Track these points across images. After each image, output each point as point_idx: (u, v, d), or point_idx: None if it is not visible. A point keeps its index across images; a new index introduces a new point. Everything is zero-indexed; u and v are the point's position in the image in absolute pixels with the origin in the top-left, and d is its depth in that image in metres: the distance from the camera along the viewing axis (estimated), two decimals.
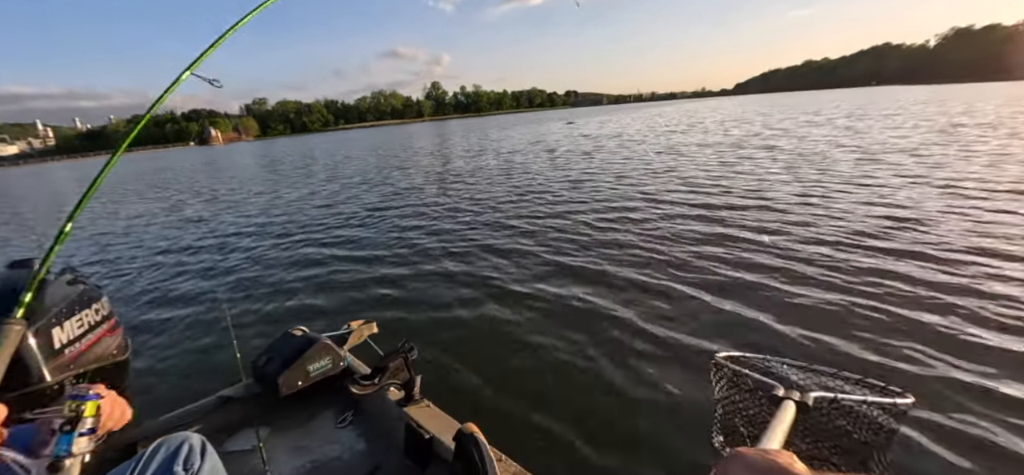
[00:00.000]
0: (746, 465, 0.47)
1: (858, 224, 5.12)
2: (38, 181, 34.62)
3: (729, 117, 29.92)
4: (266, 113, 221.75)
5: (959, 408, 2.25)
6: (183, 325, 4.01)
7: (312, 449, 1.72)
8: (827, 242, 4.59)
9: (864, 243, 4.50)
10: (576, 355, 2.93)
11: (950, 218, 5.11)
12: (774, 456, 0.47)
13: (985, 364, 2.53)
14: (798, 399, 0.95)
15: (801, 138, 14.57)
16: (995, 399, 2.29)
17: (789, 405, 0.92)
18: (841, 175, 8.06)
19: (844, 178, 7.77)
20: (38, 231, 10.69)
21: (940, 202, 5.81)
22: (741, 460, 0.48)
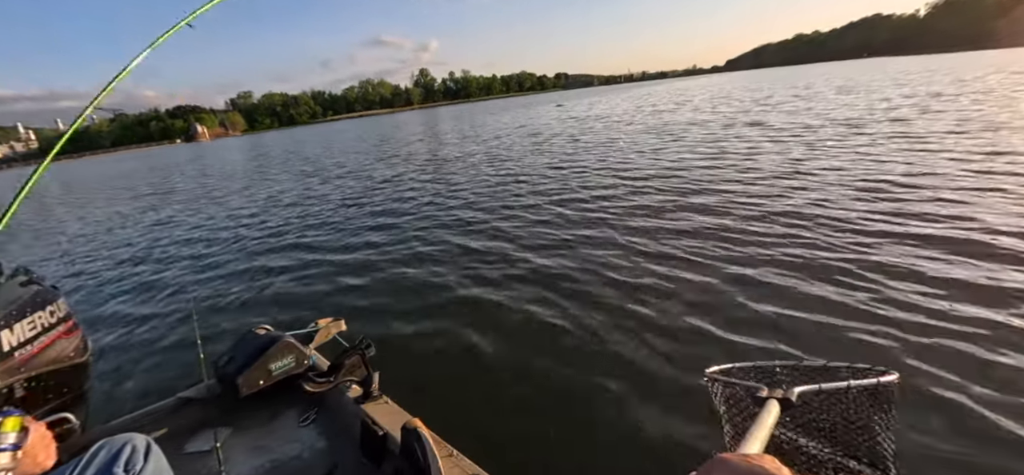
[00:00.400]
0: (730, 471, 0.46)
1: (849, 205, 5.13)
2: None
3: (718, 94, 29.82)
4: (252, 107, 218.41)
5: (951, 384, 2.23)
6: (149, 326, 3.97)
7: (272, 449, 1.69)
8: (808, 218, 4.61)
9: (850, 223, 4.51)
10: (539, 349, 2.91)
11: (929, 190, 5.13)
12: (758, 461, 0.46)
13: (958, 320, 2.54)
14: (781, 396, 0.96)
15: (789, 113, 14.55)
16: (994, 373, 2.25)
17: (772, 404, 0.93)
18: (821, 151, 8.06)
19: (820, 154, 7.77)
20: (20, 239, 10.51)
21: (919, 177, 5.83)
22: (724, 466, 0.47)
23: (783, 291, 3.19)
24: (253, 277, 5.00)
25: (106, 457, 1.13)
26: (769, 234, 4.27)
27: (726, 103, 21.66)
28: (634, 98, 37.61)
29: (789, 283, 3.27)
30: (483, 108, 67.08)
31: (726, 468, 0.47)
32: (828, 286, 3.17)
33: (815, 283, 3.23)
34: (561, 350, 2.87)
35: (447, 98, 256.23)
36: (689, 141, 10.77)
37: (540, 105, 49.03)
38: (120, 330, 3.96)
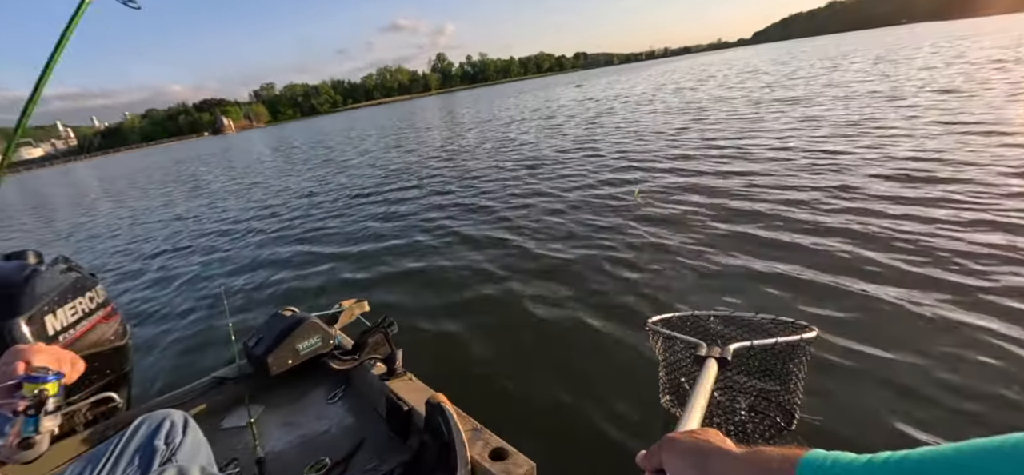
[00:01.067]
0: (679, 451, 0.48)
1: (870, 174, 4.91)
2: (65, 179, 35.72)
3: (745, 68, 28.75)
4: (275, 98, 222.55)
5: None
6: (180, 311, 4.13)
7: (302, 424, 1.75)
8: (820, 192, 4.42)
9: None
10: (556, 325, 2.93)
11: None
12: (703, 436, 0.49)
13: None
14: (718, 355, 1.02)
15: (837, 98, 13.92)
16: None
17: (711, 363, 0.98)
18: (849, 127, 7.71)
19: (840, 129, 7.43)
20: (64, 227, 11.06)
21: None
22: (674, 445, 0.49)
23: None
24: (277, 262, 5.14)
25: (147, 431, 1.18)
26: (808, 220, 4.11)
27: (752, 78, 20.88)
28: (654, 76, 36.64)
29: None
30: (500, 91, 66.51)
31: (675, 446, 0.49)
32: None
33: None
34: (577, 326, 2.87)
35: (465, 82, 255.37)
36: (710, 121, 10.44)
37: (558, 86, 48.27)
38: (154, 315, 4.15)
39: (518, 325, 2.98)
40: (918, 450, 0.36)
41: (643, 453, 0.53)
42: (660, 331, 1.44)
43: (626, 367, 2.40)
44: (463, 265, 4.13)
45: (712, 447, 0.47)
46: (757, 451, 0.44)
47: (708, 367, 0.98)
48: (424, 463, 1.21)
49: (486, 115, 22.67)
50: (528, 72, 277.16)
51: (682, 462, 0.48)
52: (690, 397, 0.80)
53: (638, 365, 2.35)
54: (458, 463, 1.16)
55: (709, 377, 0.94)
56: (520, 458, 1.19)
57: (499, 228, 5.02)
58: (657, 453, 0.51)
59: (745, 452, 0.44)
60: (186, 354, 3.28)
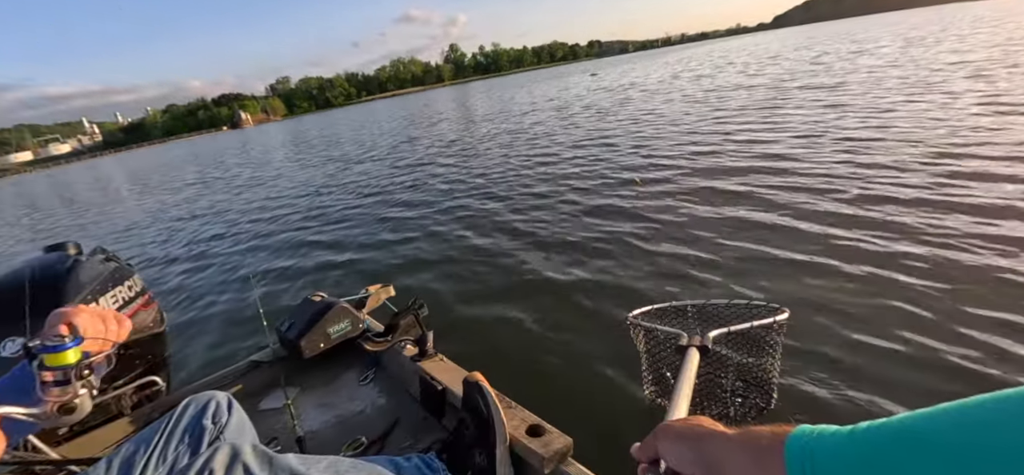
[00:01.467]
0: (675, 435, 0.51)
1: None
2: (92, 173, 36.83)
3: (764, 55, 28.01)
4: (290, 92, 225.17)
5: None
6: (211, 298, 4.27)
7: (337, 405, 1.79)
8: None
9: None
10: (583, 305, 2.97)
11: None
12: (696, 422, 0.51)
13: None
14: (698, 344, 1.06)
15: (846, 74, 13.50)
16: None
17: (693, 352, 1.01)
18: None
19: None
20: (89, 217, 11.43)
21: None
22: (668, 433, 0.52)
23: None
24: (301, 250, 5.25)
25: (195, 411, 1.22)
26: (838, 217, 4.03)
27: (773, 64, 20.34)
28: (670, 64, 35.97)
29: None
30: (513, 82, 66.11)
31: (670, 433, 0.51)
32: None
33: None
34: (603, 306, 2.90)
35: (478, 73, 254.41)
36: (731, 109, 10.22)
37: (571, 76, 47.78)
38: (187, 303, 4.29)
39: (544, 308, 3.02)
40: (897, 415, 0.37)
41: (637, 446, 0.55)
42: (641, 324, 1.49)
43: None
44: (485, 250, 4.17)
45: (705, 430, 0.49)
46: (748, 430, 0.46)
47: (690, 356, 1.00)
48: (462, 440, 1.23)
49: (499, 107, 22.57)
50: (541, 61, 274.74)
51: (678, 447, 0.50)
52: (675, 387, 0.81)
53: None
54: (497, 439, 1.17)
55: (692, 366, 0.96)
56: (557, 433, 1.20)
57: (517, 215, 5.03)
58: (652, 443, 0.53)
59: (737, 432, 0.46)
60: (218, 339, 3.39)
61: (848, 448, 0.37)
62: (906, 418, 0.36)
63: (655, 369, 1.69)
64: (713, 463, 0.46)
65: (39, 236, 10.57)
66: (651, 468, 0.53)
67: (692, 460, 0.48)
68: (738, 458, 0.44)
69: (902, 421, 0.36)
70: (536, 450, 1.16)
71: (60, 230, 11.01)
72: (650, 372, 1.65)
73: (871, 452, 0.36)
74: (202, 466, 0.91)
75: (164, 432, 1.16)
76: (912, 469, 0.33)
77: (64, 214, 13.69)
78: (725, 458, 0.45)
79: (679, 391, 0.79)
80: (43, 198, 21.85)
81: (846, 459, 0.37)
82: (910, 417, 0.36)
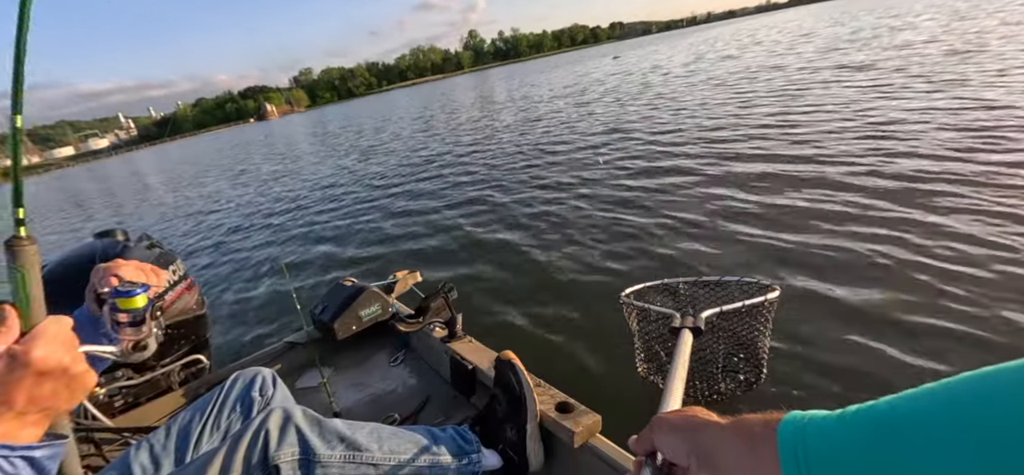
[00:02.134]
0: (669, 428, 0.51)
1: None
2: (129, 167, 38.44)
3: (798, 33, 26.82)
4: (313, 83, 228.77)
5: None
6: (246, 282, 4.44)
7: (370, 385, 1.86)
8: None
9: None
10: (605, 290, 2.97)
11: None
12: (691, 414, 0.51)
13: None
14: (692, 325, 1.07)
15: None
16: None
17: (686, 334, 1.01)
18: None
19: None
20: (128, 209, 11.97)
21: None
22: (665, 423, 0.52)
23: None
24: (330, 236, 5.40)
25: (243, 384, 1.30)
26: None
27: (806, 42, 19.51)
28: (694, 45, 34.92)
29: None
30: (533, 67, 65.45)
31: (664, 425, 0.52)
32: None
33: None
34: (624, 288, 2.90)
35: (497, 59, 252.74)
36: (760, 94, 9.88)
37: (592, 60, 46.96)
38: (224, 287, 4.47)
39: (570, 291, 3.06)
40: (886, 398, 0.37)
41: (634, 438, 0.55)
42: (634, 304, 1.48)
43: None
44: (510, 237, 4.20)
45: (699, 421, 0.49)
46: (740, 419, 0.46)
47: (683, 339, 1.00)
48: (495, 416, 1.26)
49: (516, 95, 22.39)
50: (562, 46, 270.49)
51: (673, 439, 0.50)
52: (670, 372, 0.81)
53: None
54: (528, 415, 1.20)
55: (685, 349, 0.95)
56: (585, 410, 1.23)
57: (542, 203, 5.02)
58: (648, 436, 0.53)
59: (729, 421, 0.47)
60: (253, 321, 3.54)
61: (839, 431, 0.38)
62: (896, 399, 0.37)
63: (647, 347, 1.69)
64: (707, 454, 0.47)
65: (88, 223, 11.18)
66: (648, 460, 0.53)
67: (686, 451, 0.48)
68: (731, 447, 0.45)
69: (892, 402, 0.37)
70: (566, 425, 1.19)
71: (104, 219, 11.59)
72: (643, 350, 1.66)
73: (862, 434, 0.36)
74: (258, 427, 1.00)
75: (216, 403, 1.24)
76: (903, 449, 0.34)
77: (104, 205, 14.37)
78: (719, 448, 0.46)
79: (674, 375, 0.78)
80: (85, 192, 22.97)
81: (838, 442, 0.37)
82: (900, 398, 0.37)
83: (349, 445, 1.05)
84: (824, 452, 0.38)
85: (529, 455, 1.21)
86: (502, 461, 1.22)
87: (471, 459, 1.16)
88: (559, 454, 1.27)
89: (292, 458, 0.99)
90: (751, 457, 0.43)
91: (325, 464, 1.01)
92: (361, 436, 1.08)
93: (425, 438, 1.15)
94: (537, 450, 1.23)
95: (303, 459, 1.00)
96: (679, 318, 1.15)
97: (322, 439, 1.03)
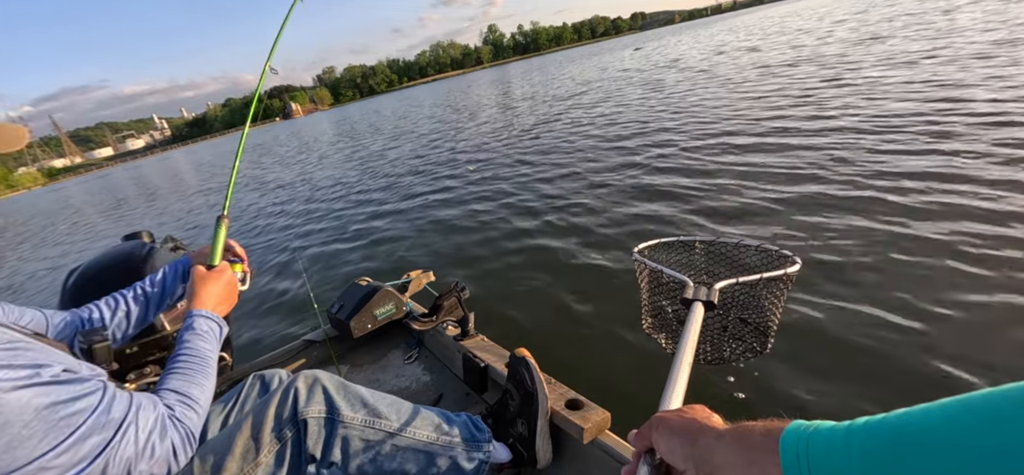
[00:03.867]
0: (669, 429, 0.50)
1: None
2: (164, 166, 40.00)
3: (832, 18, 25.72)
4: (336, 81, 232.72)
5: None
6: (267, 280, 4.54)
7: (385, 382, 1.89)
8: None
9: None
10: (615, 289, 2.96)
11: None
12: (690, 414, 0.50)
13: None
14: (705, 298, 1.01)
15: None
16: None
17: (697, 307, 0.97)
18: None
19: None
20: (168, 210, 12.46)
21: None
22: (664, 425, 0.51)
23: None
24: (345, 236, 5.48)
25: (260, 386, 1.34)
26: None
27: (840, 25, 18.72)
28: (715, 34, 33.98)
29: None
30: (552, 60, 64.89)
31: (665, 425, 0.50)
32: None
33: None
34: (632, 294, 2.86)
35: (517, 53, 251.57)
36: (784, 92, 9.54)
37: (611, 52, 46.17)
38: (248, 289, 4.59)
39: (579, 289, 3.04)
40: (896, 411, 0.35)
41: (635, 432, 0.55)
42: (647, 263, 1.38)
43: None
44: (522, 235, 4.19)
45: (699, 425, 0.48)
46: (741, 427, 0.45)
47: (694, 313, 0.95)
48: (506, 411, 1.28)
49: (532, 91, 22.25)
50: (582, 38, 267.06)
51: (672, 442, 0.49)
52: (678, 351, 0.76)
53: None
54: (539, 411, 1.23)
55: (696, 324, 0.90)
56: (595, 407, 1.25)
57: (553, 202, 5.00)
58: (647, 433, 0.52)
59: (730, 429, 0.46)
60: (273, 320, 3.64)
61: (847, 445, 0.36)
62: (908, 413, 0.35)
63: (655, 304, 1.63)
64: (704, 459, 0.45)
65: (122, 221, 11.71)
66: (647, 457, 0.52)
67: (683, 456, 0.47)
68: (729, 456, 0.43)
69: (903, 416, 0.35)
70: (576, 422, 1.21)
71: (134, 219, 12.12)
72: (649, 306, 1.59)
73: (871, 450, 0.35)
74: (289, 386, 1.11)
75: (236, 402, 1.31)
76: (915, 467, 0.32)
77: (143, 204, 15.01)
78: (716, 457, 0.44)
79: (681, 358, 0.74)
80: (124, 189, 24.02)
81: (845, 457, 0.36)
82: (912, 412, 0.35)
83: (370, 411, 1.14)
84: (830, 466, 0.36)
85: (538, 451, 1.24)
86: (511, 455, 1.26)
87: (482, 447, 1.20)
88: (569, 450, 1.30)
89: (318, 415, 1.08)
90: (750, 467, 0.42)
91: (347, 424, 1.10)
92: (382, 405, 1.17)
93: (439, 418, 1.21)
94: (546, 446, 1.25)
95: (329, 417, 1.09)
96: (692, 288, 1.09)
97: (346, 401, 1.12)
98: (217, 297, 1.12)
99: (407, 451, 1.14)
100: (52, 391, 0.70)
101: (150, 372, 1.73)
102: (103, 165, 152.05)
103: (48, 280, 7.37)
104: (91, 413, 0.73)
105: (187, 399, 0.90)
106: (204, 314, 1.06)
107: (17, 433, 0.65)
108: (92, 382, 0.77)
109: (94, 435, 0.73)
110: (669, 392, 0.67)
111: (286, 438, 1.06)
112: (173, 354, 0.98)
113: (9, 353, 0.70)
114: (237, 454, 1.01)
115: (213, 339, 1.05)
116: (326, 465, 1.10)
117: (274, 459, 1.04)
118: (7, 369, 0.68)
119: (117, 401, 0.78)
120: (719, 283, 1.16)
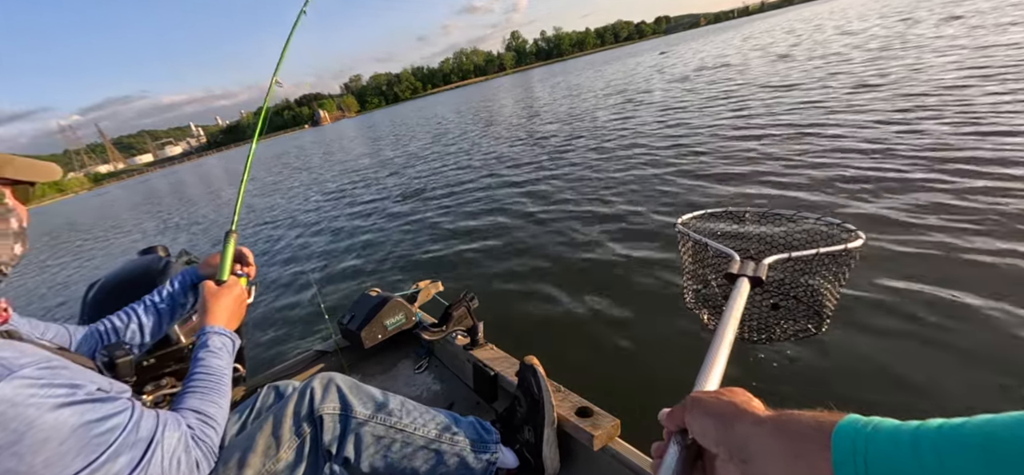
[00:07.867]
0: (704, 410, 0.46)
1: None
2: (199, 172, 41.65)
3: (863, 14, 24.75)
4: (362, 89, 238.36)
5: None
6: (276, 294, 4.60)
7: (396, 391, 1.86)
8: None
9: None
10: (626, 297, 2.92)
11: None
12: (729, 396, 0.46)
13: None
14: (751, 274, 0.90)
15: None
16: None
17: (743, 283, 0.87)
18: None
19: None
20: (205, 219, 12.92)
21: None
22: (700, 406, 0.46)
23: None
24: (354, 247, 5.52)
25: (275, 397, 1.35)
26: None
27: (880, 25, 17.98)
28: (741, 38, 33.19)
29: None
30: (573, 67, 64.70)
31: (699, 406, 0.46)
32: None
33: None
34: (645, 295, 2.86)
35: (539, 59, 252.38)
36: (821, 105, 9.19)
37: (633, 57, 45.64)
38: (257, 296, 4.65)
39: (590, 298, 3.00)
40: (981, 417, 0.30)
41: (666, 411, 0.50)
42: (691, 235, 1.26)
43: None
44: (529, 245, 4.15)
45: (738, 409, 0.43)
46: (785, 416, 0.40)
47: (739, 289, 0.85)
48: (515, 417, 1.29)
49: (552, 98, 22.20)
50: (605, 43, 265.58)
51: (705, 423, 0.45)
52: (718, 329, 0.69)
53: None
54: (545, 419, 1.23)
55: (740, 301, 0.81)
56: (605, 415, 1.25)
57: (563, 211, 4.94)
58: (680, 413, 0.48)
59: (772, 416, 0.41)
60: (286, 332, 3.67)
61: (915, 449, 0.31)
62: (990, 421, 0.29)
63: (698, 277, 1.45)
64: (740, 447, 0.41)
65: (147, 230, 12.22)
66: (678, 437, 0.48)
67: (716, 440, 0.43)
68: (771, 445, 0.39)
69: (987, 424, 0.29)
70: (585, 429, 1.22)
71: (171, 227, 12.62)
72: (692, 280, 1.45)
73: (949, 456, 0.29)
74: (305, 386, 1.17)
75: (250, 414, 1.31)
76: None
77: (180, 209, 15.64)
78: (754, 444, 0.40)
79: (722, 337, 0.67)
80: (161, 195, 25.12)
81: (912, 462, 0.31)
82: (996, 421, 0.29)
83: (381, 409, 1.21)
84: (893, 469, 0.31)
85: (545, 458, 1.24)
86: (519, 461, 1.28)
87: (489, 448, 1.24)
88: (578, 457, 1.30)
89: (333, 411, 1.15)
90: (795, 462, 0.37)
91: (360, 420, 1.16)
92: (393, 403, 1.24)
93: (448, 419, 1.27)
94: (553, 454, 1.26)
95: (343, 414, 1.16)
96: (738, 262, 0.99)
97: (358, 399, 1.19)
98: (228, 312, 1.15)
99: (416, 449, 1.20)
100: (87, 410, 0.72)
101: (167, 383, 1.76)
102: (144, 171, 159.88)
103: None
104: (122, 431, 0.75)
105: (205, 417, 0.93)
106: (217, 330, 1.09)
107: (54, 450, 0.67)
108: (121, 401, 0.80)
109: (124, 453, 0.75)
110: (706, 372, 0.59)
111: (305, 434, 1.12)
112: (190, 372, 1.02)
113: (49, 372, 0.72)
114: (259, 451, 1.06)
115: (226, 355, 1.08)
116: (340, 461, 1.16)
117: (294, 455, 1.10)
118: (48, 387, 0.69)
119: (145, 419, 0.80)
120: (769, 258, 1.04)
